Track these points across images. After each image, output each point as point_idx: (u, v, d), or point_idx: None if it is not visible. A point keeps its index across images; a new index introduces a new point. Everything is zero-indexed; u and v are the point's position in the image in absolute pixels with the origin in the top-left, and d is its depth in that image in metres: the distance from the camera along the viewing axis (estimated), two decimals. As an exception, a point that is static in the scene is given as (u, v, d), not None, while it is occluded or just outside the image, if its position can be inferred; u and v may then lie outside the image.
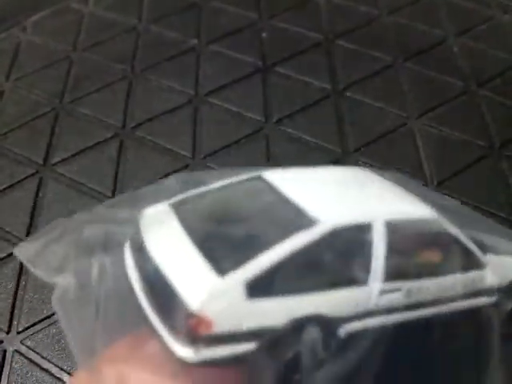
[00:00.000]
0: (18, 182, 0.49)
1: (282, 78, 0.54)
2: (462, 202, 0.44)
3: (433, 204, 0.27)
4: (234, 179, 0.27)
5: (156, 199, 0.27)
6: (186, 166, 0.48)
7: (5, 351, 0.40)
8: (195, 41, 0.58)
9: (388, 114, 0.51)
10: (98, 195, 0.47)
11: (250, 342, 0.23)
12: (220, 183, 0.27)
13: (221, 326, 0.22)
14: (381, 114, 0.51)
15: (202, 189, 0.27)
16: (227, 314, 0.22)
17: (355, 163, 0.48)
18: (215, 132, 0.50)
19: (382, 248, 0.24)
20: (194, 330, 0.22)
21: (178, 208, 0.26)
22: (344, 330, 0.24)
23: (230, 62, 0.56)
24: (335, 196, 0.26)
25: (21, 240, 0.45)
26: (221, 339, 0.23)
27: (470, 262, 0.26)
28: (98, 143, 0.51)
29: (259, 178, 0.27)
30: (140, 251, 0.25)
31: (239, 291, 0.22)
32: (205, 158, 0.49)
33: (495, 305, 0.27)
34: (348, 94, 0.52)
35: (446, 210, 0.27)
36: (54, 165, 0.49)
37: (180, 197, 0.27)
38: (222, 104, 0.52)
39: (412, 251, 0.25)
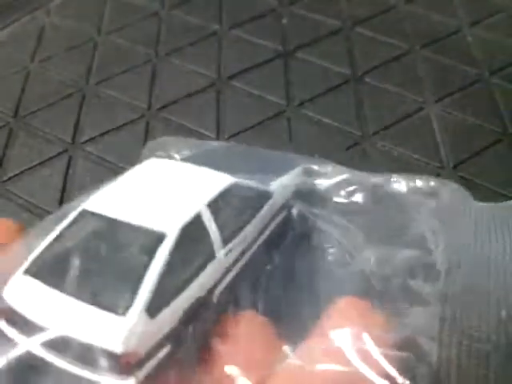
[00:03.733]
0: (48, 159, 0.50)
1: (302, 63, 0.56)
2: (477, 184, 0.47)
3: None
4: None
5: None
6: (211, 146, 0.50)
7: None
8: (217, 26, 0.59)
9: (405, 100, 0.52)
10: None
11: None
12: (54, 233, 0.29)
13: (143, 348, 0.25)
14: (398, 99, 0.53)
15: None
16: (143, 340, 0.25)
17: (373, 146, 0.49)
18: (238, 114, 0.52)
19: (213, 225, 0.30)
20: (126, 367, 0.25)
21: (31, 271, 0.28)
22: (218, 291, 0.30)
23: (251, 47, 0.57)
24: (160, 202, 0.30)
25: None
26: (147, 357, 0.26)
27: (260, 200, 0.33)
28: (125, 124, 0.52)
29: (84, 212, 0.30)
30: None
31: (143, 318, 0.25)
32: (229, 138, 0.50)
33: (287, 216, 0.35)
34: (367, 79, 0.54)
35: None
36: (82, 143, 0.51)
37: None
38: (245, 87, 0.54)
39: (231, 216, 0.32)
